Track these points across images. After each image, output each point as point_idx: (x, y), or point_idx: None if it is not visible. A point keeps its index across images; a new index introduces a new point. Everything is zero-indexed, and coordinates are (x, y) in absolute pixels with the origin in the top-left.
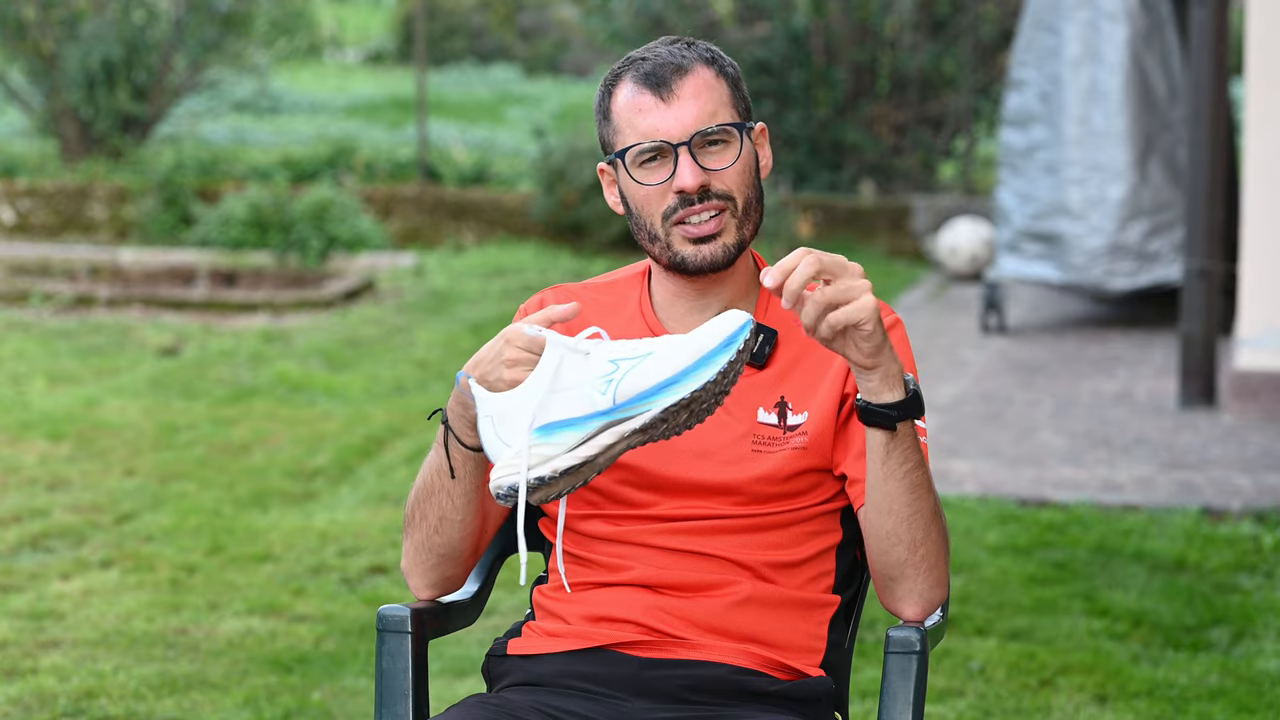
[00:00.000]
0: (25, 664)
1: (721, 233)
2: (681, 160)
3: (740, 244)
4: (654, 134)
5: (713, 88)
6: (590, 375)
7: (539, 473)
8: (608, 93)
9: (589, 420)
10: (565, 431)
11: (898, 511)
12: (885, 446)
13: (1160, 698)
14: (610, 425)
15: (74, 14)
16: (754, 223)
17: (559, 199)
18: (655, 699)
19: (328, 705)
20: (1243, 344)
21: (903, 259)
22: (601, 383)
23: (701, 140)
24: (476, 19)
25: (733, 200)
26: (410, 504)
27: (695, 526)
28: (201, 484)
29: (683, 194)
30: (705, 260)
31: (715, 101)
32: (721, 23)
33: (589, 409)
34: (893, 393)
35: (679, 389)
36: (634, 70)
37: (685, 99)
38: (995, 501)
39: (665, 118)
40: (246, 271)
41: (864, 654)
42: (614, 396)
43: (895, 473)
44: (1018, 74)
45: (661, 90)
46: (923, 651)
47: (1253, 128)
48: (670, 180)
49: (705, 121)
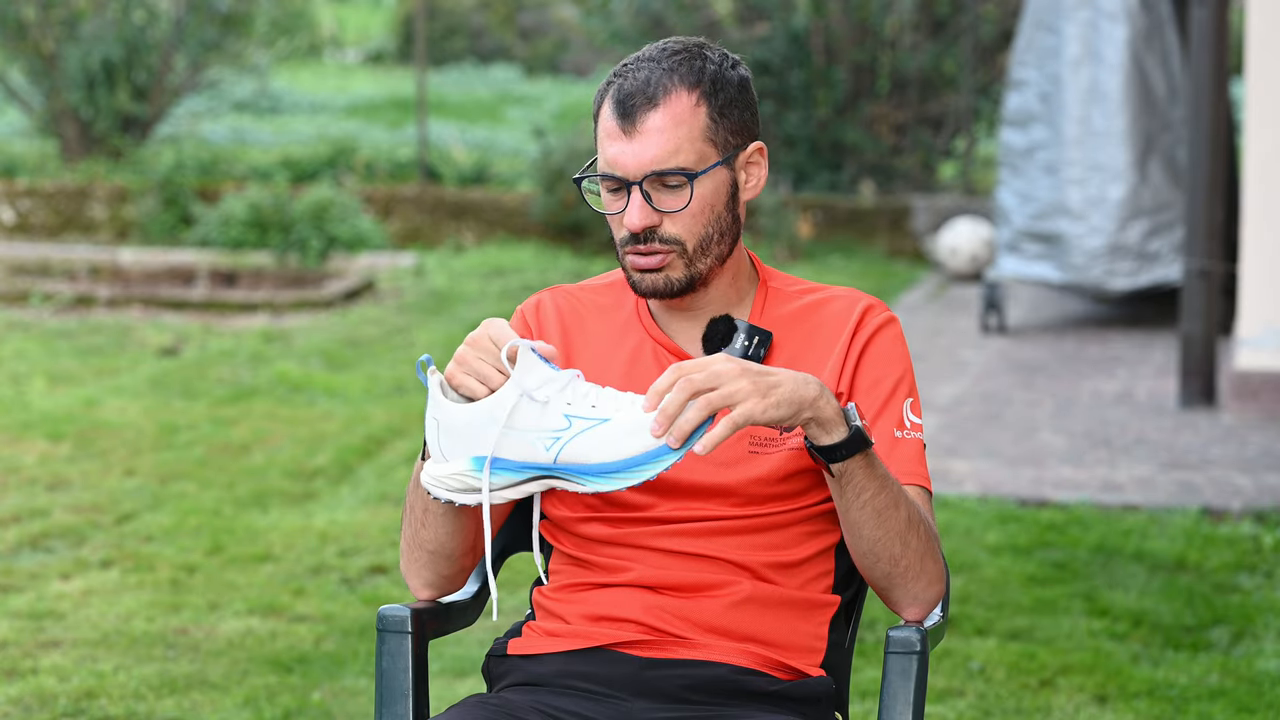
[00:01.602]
0: (25, 664)
1: (666, 268)
2: (632, 199)
3: (691, 278)
4: (614, 165)
5: (683, 121)
6: (541, 425)
7: (464, 500)
8: (599, 100)
9: (525, 468)
10: (500, 473)
11: (867, 535)
12: (839, 483)
13: (1160, 698)
14: (544, 478)
15: (74, 14)
16: (718, 254)
17: (559, 199)
18: (655, 699)
19: (328, 705)
20: (1243, 344)
21: (903, 259)
22: (549, 438)
23: (657, 180)
24: (476, 19)
25: (680, 243)
26: (405, 497)
27: (694, 528)
28: (201, 484)
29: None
30: (649, 288)
31: (681, 138)
32: (721, 23)
33: (529, 457)
34: (831, 435)
35: (620, 479)
36: (615, 88)
37: (649, 134)
38: (995, 501)
39: (625, 151)
40: (246, 271)
41: (864, 654)
42: (556, 455)
43: (854, 503)
44: (1018, 74)
45: (626, 122)
46: (923, 651)
47: (1253, 128)
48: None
49: (662, 161)
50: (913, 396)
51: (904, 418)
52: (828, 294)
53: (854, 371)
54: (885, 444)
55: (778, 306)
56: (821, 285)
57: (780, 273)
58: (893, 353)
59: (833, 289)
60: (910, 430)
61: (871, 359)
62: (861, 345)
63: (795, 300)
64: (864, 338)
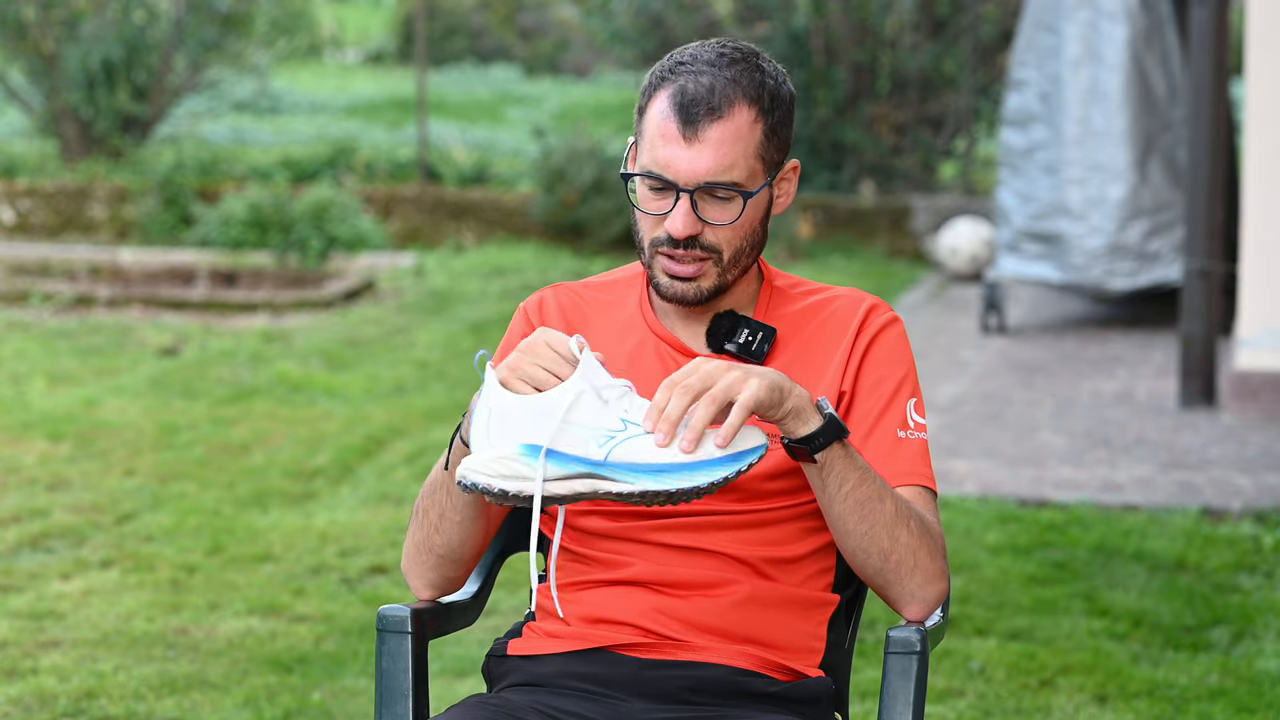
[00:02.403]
0: (25, 664)
1: (700, 277)
2: (680, 206)
3: (718, 288)
4: (667, 167)
5: (742, 136)
6: (598, 423)
7: (504, 485)
8: (650, 91)
9: (575, 462)
10: (549, 463)
11: (853, 530)
12: (819, 475)
13: (1160, 698)
14: (590, 476)
15: (74, 14)
16: (744, 266)
17: (559, 199)
18: (655, 699)
19: (328, 705)
20: (1243, 344)
21: (903, 259)
22: (603, 435)
23: (707, 190)
24: (476, 19)
25: (719, 253)
26: (417, 500)
27: (694, 522)
28: (201, 484)
29: (671, 237)
30: (677, 295)
31: (738, 153)
32: (721, 23)
33: (580, 453)
34: (806, 425)
35: (667, 480)
36: (675, 88)
37: (707, 145)
38: (995, 501)
39: (681, 156)
40: (246, 271)
41: (864, 654)
42: (608, 454)
43: (836, 496)
44: (1018, 74)
45: (687, 128)
46: (923, 651)
47: (1253, 128)
48: (667, 215)
49: (718, 174)
50: (916, 396)
51: (907, 417)
52: (831, 294)
53: (857, 371)
54: (888, 444)
55: (781, 306)
56: (825, 285)
57: (783, 273)
58: (896, 352)
59: (836, 289)
60: (914, 430)
61: (875, 359)
62: (865, 345)
63: (799, 300)
64: (867, 337)
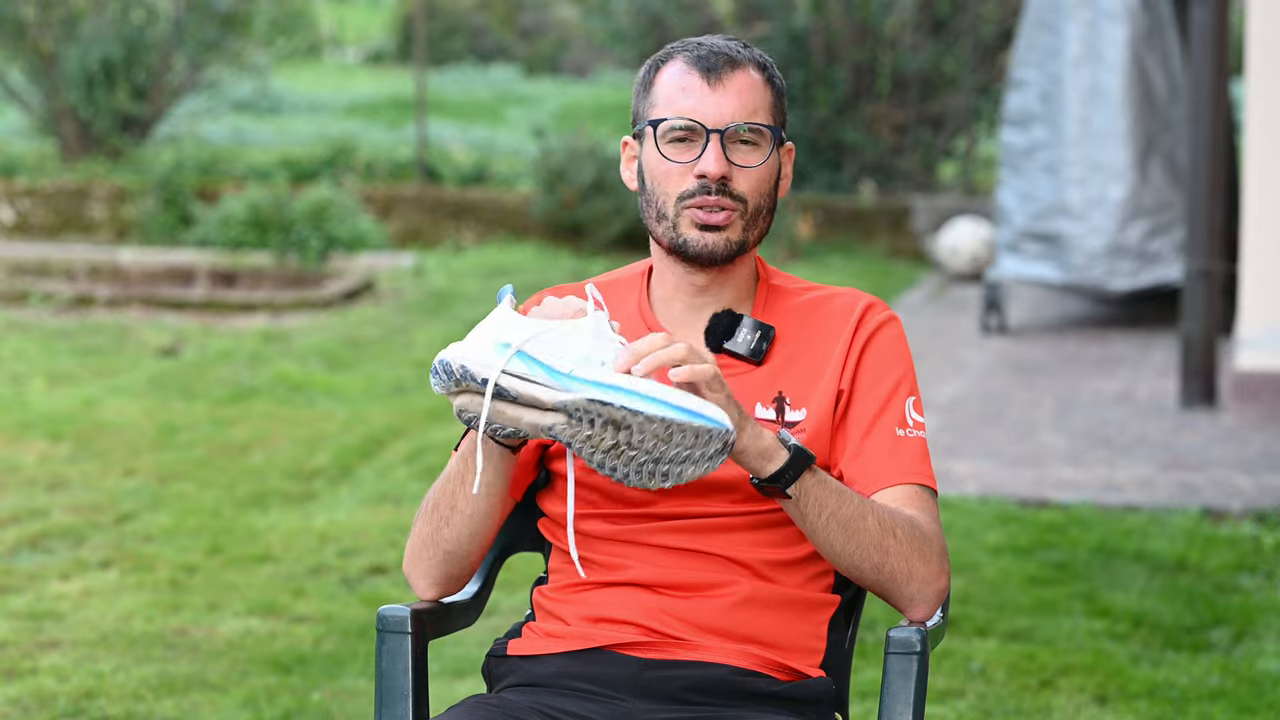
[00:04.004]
0: (25, 664)
1: (728, 228)
2: (711, 146)
3: (742, 244)
4: (693, 114)
5: (759, 89)
6: (580, 351)
7: (466, 364)
8: (655, 67)
9: (540, 367)
10: (518, 361)
11: (841, 550)
12: (796, 507)
13: (1160, 698)
14: (547, 386)
15: (73, 14)
16: (760, 231)
17: (559, 199)
18: (655, 699)
19: (328, 705)
20: (1243, 344)
21: (903, 259)
22: (579, 359)
23: (735, 134)
24: (476, 19)
25: (745, 203)
26: (426, 495)
27: (694, 525)
28: (201, 484)
29: (703, 179)
30: (706, 248)
31: (758, 102)
32: (722, 23)
33: (548, 361)
34: (773, 462)
35: (612, 395)
36: (688, 52)
37: (731, 90)
38: (995, 502)
39: (706, 101)
40: (246, 271)
41: (864, 654)
42: (572, 370)
43: (818, 522)
44: (1018, 74)
45: (710, 76)
46: (923, 652)
47: (1253, 128)
48: (694, 163)
49: (745, 117)
50: (914, 395)
51: (906, 416)
52: (829, 293)
53: (855, 370)
54: (887, 442)
55: (779, 304)
56: (822, 285)
57: (782, 272)
58: (894, 351)
59: (834, 288)
60: (913, 429)
61: (872, 358)
62: (862, 344)
63: (796, 298)
64: (865, 336)
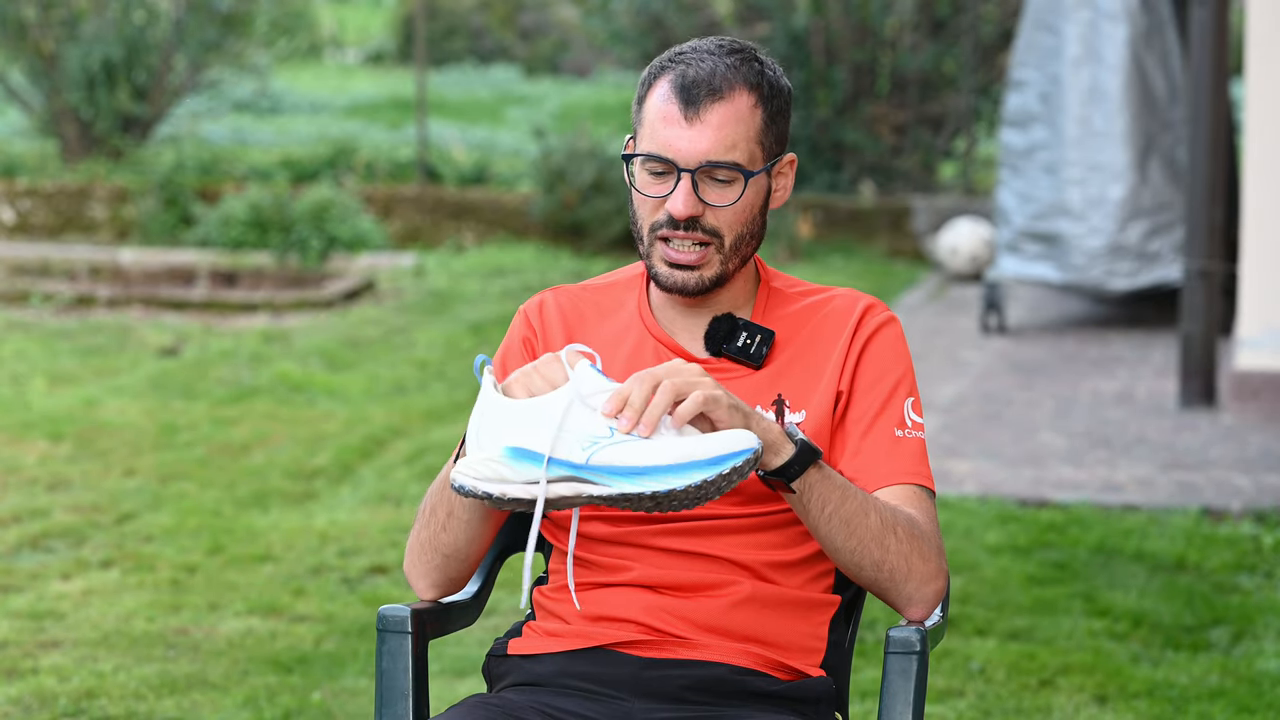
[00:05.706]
0: (25, 664)
1: (702, 265)
2: (681, 186)
3: (719, 277)
4: (667, 148)
5: (743, 119)
6: (584, 429)
7: (489, 489)
8: (649, 82)
9: (560, 466)
10: (529, 464)
11: (842, 546)
12: (800, 502)
13: (1160, 698)
14: (572, 480)
15: (74, 14)
16: (744, 255)
17: (559, 199)
18: (655, 699)
19: (328, 705)
20: (1243, 344)
21: (903, 259)
22: (588, 440)
23: (708, 172)
24: (476, 19)
25: (720, 238)
26: (424, 499)
27: (694, 526)
28: (201, 484)
29: (671, 218)
30: (677, 284)
31: (739, 135)
32: (722, 23)
33: (565, 457)
34: (779, 456)
35: (644, 482)
36: (675, 73)
37: (710, 125)
38: (995, 501)
39: (682, 136)
40: (246, 271)
41: (864, 654)
42: (589, 458)
43: (820, 518)
44: (1018, 74)
45: (689, 108)
46: (923, 651)
47: (1253, 128)
48: (667, 198)
49: (719, 154)
50: (913, 396)
51: (905, 417)
52: (828, 294)
53: (854, 371)
54: (886, 443)
55: (779, 307)
56: (822, 286)
57: (781, 274)
58: (893, 352)
59: (833, 290)
60: (911, 429)
61: (871, 358)
62: (862, 344)
63: (796, 301)
64: (864, 337)
